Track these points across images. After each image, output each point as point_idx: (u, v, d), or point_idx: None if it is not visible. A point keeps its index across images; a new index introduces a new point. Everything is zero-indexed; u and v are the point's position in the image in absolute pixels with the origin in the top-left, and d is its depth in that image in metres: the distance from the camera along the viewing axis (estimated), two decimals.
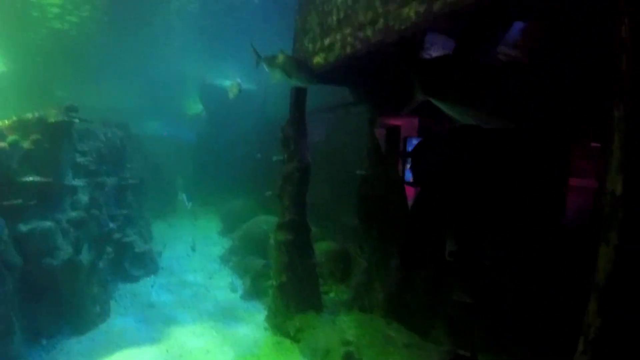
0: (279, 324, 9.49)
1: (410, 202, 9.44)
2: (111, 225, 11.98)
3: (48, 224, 9.21)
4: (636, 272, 3.18)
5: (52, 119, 9.58)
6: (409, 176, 10.27)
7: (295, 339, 9.00)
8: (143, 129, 26.73)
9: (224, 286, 12.77)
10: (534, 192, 7.78)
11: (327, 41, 7.52)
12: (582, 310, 3.41)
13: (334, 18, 7.31)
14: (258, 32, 17.31)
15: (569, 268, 6.53)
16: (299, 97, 9.67)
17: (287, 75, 7.54)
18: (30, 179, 9.04)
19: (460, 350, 7.04)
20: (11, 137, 9.00)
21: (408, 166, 10.44)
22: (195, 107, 34.51)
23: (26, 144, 9.20)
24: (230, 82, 9.15)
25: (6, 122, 9.55)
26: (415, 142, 11.00)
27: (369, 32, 5.93)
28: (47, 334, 9.03)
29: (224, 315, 10.64)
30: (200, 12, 15.75)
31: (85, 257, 9.94)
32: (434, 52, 5.92)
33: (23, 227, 8.75)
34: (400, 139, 11.75)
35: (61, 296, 9.35)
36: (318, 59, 7.90)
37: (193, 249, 16.35)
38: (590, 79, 5.54)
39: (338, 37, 7.02)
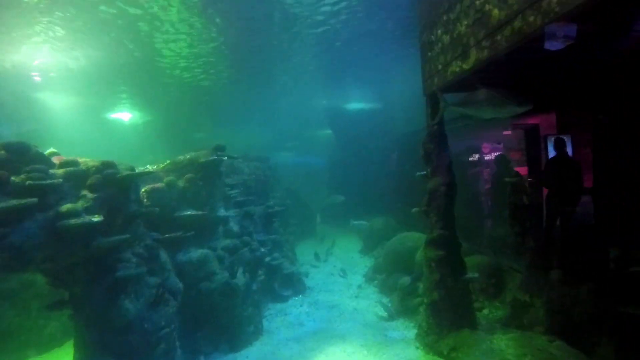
0: (431, 342, 9.20)
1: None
2: (262, 250, 12.62)
3: (205, 251, 10.09)
4: None
5: (202, 159, 10.46)
6: None
7: (449, 358, 8.63)
8: (277, 160, 28.35)
9: (371, 304, 12.73)
10: None
11: (459, 49, 7.27)
12: None
13: (463, 24, 7.06)
14: (380, 55, 17.57)
15: None
16: (436, 109, 9.40)
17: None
18: (188, 213, 9.90)
19: None
20: (167, 178, 9.99)
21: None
22: (324, 133, 35.57)
23: (181, 183, 10.12)
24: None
25: (160, 165, 10.62)
26: (554, 139, 10.23)
27: (507, 31, 5.60)
28: (205, 351, 9.82)
29: (373, 334, 10.56)
30: (321, 50, 16.50)
31: (240, 280, 10.60)
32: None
33: (183, 256, 9.71)
34: (540, 138, 11.02)
35: (218, 317, 10.08)
36: (453, 68, 7.66)
37: (343, 275, 16.37)
38: None
39: (472, 42, 6.75)
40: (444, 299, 9.07)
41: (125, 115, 26.78)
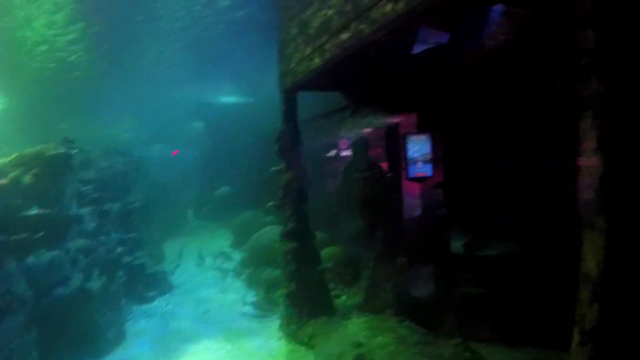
0: (293, 332, 9.51)
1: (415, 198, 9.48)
2: (120, 249, 12.13)
3: (56, 254, 9.41)
4: (629, 257, 2.98)
5: (50, 152, 9.76)
6: (412, 172, 10.29)
7: (309, 346, 8.98)
8: (146, 153, 27.13)
9: (238, 299, 12.77)
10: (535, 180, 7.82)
11: (308, 50, 7.59)
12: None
13: (313, 26, 7.37)
14: (246, 48, 17.57)
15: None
16: (289, 107, 9.69)
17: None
18: (34, 212, 9.20)
19: (470, 343, 7.06)
20: (12, 173, 9.19)
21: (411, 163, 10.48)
22: (196, 126, 34.83)
23: (27, 179, 9.36)
24: None
25: (7, 159, 9.75)
26: (414, 138, 11.01)
27: (343, 36, 5.98)
28: None
29: (239, 329, 10.64)
30: (187, 40, 16.18)
31: (96, 283, 10.10)
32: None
33: (31, 260, 8.94)
34: (399, 137, 11.79)
35: (75, 324, 9.45)
36: (302, 68, 7.97)
37: (202, 262, 16.29)
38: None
39: (317, 44, 7.09)
40: (301, 289, 9.42)
41: None
